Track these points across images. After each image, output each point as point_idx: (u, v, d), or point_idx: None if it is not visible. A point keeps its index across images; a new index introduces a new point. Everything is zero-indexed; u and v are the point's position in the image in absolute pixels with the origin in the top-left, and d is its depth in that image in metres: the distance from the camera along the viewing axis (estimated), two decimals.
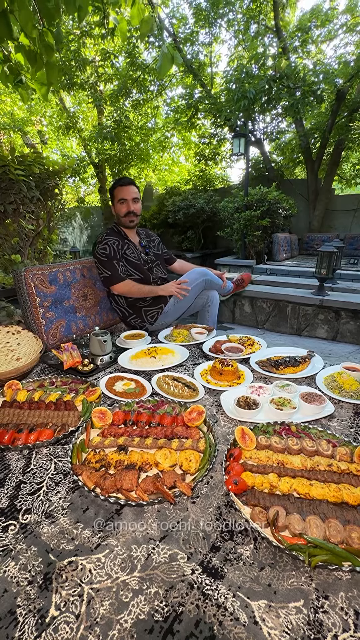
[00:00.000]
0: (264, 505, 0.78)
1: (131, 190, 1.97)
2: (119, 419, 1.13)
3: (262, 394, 1.26)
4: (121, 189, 1.95)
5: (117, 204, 1.97)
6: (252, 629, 0.55)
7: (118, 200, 1.96)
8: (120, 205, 1.97)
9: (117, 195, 1.97)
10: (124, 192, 1.95)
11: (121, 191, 1.95)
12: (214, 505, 0.80)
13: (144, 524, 0.75)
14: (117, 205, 1.98)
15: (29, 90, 2.42)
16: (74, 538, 0.72)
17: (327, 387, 1.33)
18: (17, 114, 11.14)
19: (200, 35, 7.86)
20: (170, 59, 2.08)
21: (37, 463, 0.95)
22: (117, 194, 1.96)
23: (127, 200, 1.96)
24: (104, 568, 0.65)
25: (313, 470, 0.89)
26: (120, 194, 1.96)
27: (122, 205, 1.97)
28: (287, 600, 0.60)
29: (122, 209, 1.97)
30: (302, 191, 7.38)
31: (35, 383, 1.42)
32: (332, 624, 0.56)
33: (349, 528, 0.71)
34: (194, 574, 0.64)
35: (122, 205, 1.96)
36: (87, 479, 0.85)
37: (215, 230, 6.75)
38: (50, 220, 2.58)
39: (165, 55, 2.06)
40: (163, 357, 1.63)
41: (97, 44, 7.72)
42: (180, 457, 0.93)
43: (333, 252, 3.00)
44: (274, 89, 5.47)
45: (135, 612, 0.57)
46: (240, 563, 0.66)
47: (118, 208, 1.98)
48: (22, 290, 1.67)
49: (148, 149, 10.18)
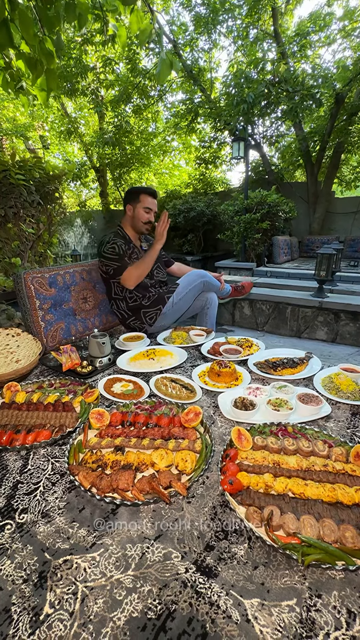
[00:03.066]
0: (259, 505, 0.79)
1: (155, 203, 2.08)
2: (117, 420, 1.14)
3: (259, 395, 1.26)
4: (149, 199, 2.04)
5: (141, 209, 2.03)
6: (244, 627, 0.55)
7: (143, 207, 2.03)
8: (144, 212, 2.04)
9: (143, 201, 2.02)
10: (152, 203, 2.05)
11: (149, 200, 2.03)
12: (209, 505, 0.81)
13: (139, 524, 0.75)
14: (141, 211, 2.03)
15: (29, 96, 2.46)
16: (70, 537, 0.72)
17: (324, 388, 1.33)
18: (19, 120, 11.28)
19: (200, 42, 7.95)
20: (169, 65, 2.11)
21: (35, 463, 0.96)
22: (144, 201, 2.02)
23: (152, 211, 2.06)
24: (99, 567, 0.65)
25: (308, 470, 0.89)
26: (147, 203, 2.03)
27: (146, 214, 2.04)
28: (280, 599, 0.60)
29: (144, 216, 2.04)
30: (302, 194, 7.41)
31: (34, 385, 1.43)
32: (324, 622, 0.56)
33: (343, 527, 0.71)
34: (188, 573, 0.64)
35: (147, 213, 2.04)
36: (83, 479, 0.85)
37: (216, 233, 6.78)
38: (50, 223, 2.61)
39: (164, 61, 2.09)
40: (161, 359, 1.64)
41: (98, 51, 7.83)
42: (177, 457, 0.93)
43: (332, 254, 3.01)
44: (273, 93, 5.51)
45: (128, 610, 0.58)
46: (234, 562, 0.67)
47: (141, 214, 2.03)
48: (22, 292, 1.69)
49: (149, 153, 10.27)
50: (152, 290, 2.04)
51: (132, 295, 1.99)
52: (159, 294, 2.04)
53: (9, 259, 2.25)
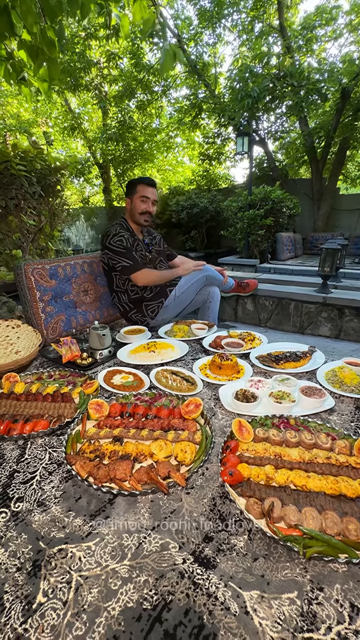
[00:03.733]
0: (260, 496, 0.77)
1: (154, 192, 2.00)
2: (116, 411, 1.12)
3: (261, 387, 1.24)
4: (146, 188, 1.97)
5: (138, 199, 1.97)
6: (242, 619, 0.53)
7: (140, 197, 1.96)
8: (142, 202, 1.97)
9: (140, 191, 1.96)
10: (149, 191, 1.97)
11: (146, 189, 1.96)
12: (208, 497, 0.79)
13: (137, 514, 0.74)
14: (137, 201, 1.97)
15: (31, 87, 2.44)
16: (65, 526, 0.71)
17: (327, 381, 1.31)
18: (23, 116, 11.27)
19: (205, 36, 7.88)
20: (172, 56, 2.07)
21: (32, 453, 0.95)
22: (141, 191, 1.96)
23: (149, 199, 1.98)
24: (94, 556, 0.64)
25: (311, 462, 0.87)
26: (144, 192, 1.96)
27: (143, 203, 1.97)
28: (281, 591, 0.58)
29: (142, 206, 1.97)
30: (307, 191, 7.34)
31: (33, 376, 1.42)
32: (326, 615, 0.54)
33: (346, 520, 0.69)
34: (185, 564, 0.62)
35: (144, 203, 1.97)
36: (80, 468, 0.84)
37: (219, 230, 6.74)
38: (52, 216, 2.60)
39: (167, 51, 2.05)
40: (162, 352, 1.62)
41: (102, 46, 7.78)
42: (176, 448, 0.91)
43: (337, 250, 2.97)
44: (277, 88, 5.45)
45: (123, 600, 0.56)
46: (234, 554, 0.65)
47: (137, 204, 1.97)
48: (22, 284, 1.67)
49: (152, 149, 10.22)
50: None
51: (134, 288, 1.97)
52: (161, 287, 2.02)
53: (9, 251, 2.24)
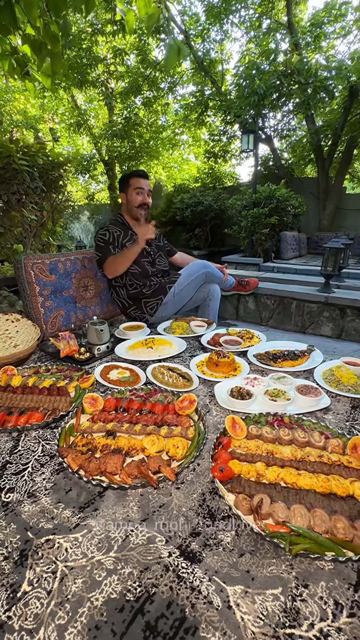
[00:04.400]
0: (249, 493, 0.77)
1: (147, 183, 1.98)
2: (111, 406, 1.12)
3: (256, 385, 1.23)
4: (139, 180, 1.96)
5: (133, 192, 1.96)
6: (225, 613, 0.53)
7: (134, 189, 1.95)
8: (137, 195, 1.96)
9: (133, 184, 1.95)
10: (142, 182, 1.96)
11: (139, 181, 1.95)
12: (198, 492, 0.79)
13: (125, 507, 0.74)
14: (132, 194, 1.96)
15: (35, 82, 2.44)
16: (54, 517, 0.71)
17: (324, 380, 1.30)
18: (30, 112, 11.30)
19: (212, 32, 7.81)
20: (176, 51, 2.06)
21: (25, 445, 0.95)
22: (134, 183, 1.95)
23: (144, 190, 1.96)
24: (80, 547, 0.64)
25: (303, 460, 0.86)
26: (137, 184, 1.95)
27: (138, 195, 1.96)
28: (265, 587, 0.58)
29: (137, 199, 1.96)
30: (313, 190, 7.27)
31: (30, 369, 1.43)
32: (309, 612, 0.54)
33: (334, 518, 0.68)
34: (171, 557, 0.62)
35: (139, 195, 1.96)
36: (71, 461, 0.84)
37: (224, 228, 6.72)
38: (54, 211, 2.60)
39: (171, 47, 2.04)
40: (160, 348, 1.62)
41: (109, 42, 7.76)
42: (168, 443, 0.92)
43: (340, 249, 2.94)
44: (284, 85, 5.39)
45: (107, 590, 0.56)
46: (220, 549, 0.65)
47: (133, 197, 1.96)
48: (22, 278, 1.68)
49: (158, 146, 10.19)
50: (153, 280, 2.02)
51: (132, 283, 1.97)
52: (161, 283, 2.02)
53: (11, 246, 2.25)
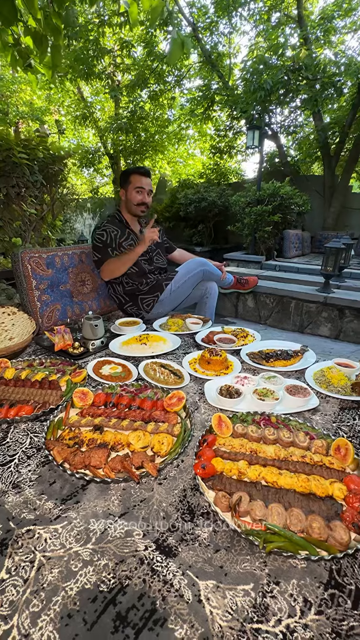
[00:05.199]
0: (230, 490, 0.78)
1: (149, 182, 1.97)
2: (100, 401, 1.14)
3: (246, 384, 1.24)
4: (140, 178, 1.94)
5: (132, 190, 1.95)
6: (194, 607, 0.55)
7: (134, 188, 1.94)
8: (136, 193, 1.95)
9: (133, 182, 1.94)
10: (143, 181, 1.94)
11: (140, 180, 1.94)
12: (180, 488, 0.80)
13: (107, 500, 0.75)
14: (132, 192, 1.95)
15: (38, 74, 2.43)
16: (36, 508, 0.73)
17: (315, 381, 1.30)
18: (36, 103, 11.24)
19: (220, 25, 7.69)
20: (180, 45, 2.04)
21: (14, 437, 0.97)
22: (135, 181, 1.94)
23: (144, 190, 1.95)
24: (59, 538, 0.66)
25: (285, 460, 0.87)
26: (138, 182, 1.93)
27: (138, 194, 1.95)
28: (237, 583, 0.59)
29: (137, 197, 1.95)
30: (318, 188, 7.19)
31: (24, 362, 1.44)
32: (278, 608, 0.55)
33: (310, 518, 0.69)
34: (147, 550, 0.64)
35: (138, 193, 1.95)
36: (57, 453, 0.86)
37: (227, 225, 6.67)
38: (54, 205, 2.60)
39: (175, 41, 2.02)
40: (154, 345, 1.63)
41: (116, 33, 7.68)
42: (154, 439, 0.93)
43: (340, 249, 2.92)
44: (292, 81, 5.31)
45: (82, 581, 0.58)
46: (196, 544, 0.66)
47: (132, 195, 1.95)
48: (19, 272, 1.69)
49: (163, 141, 10.11)
50: (150, 277, 2.02)
51: (128, 280, 1.98)
52: (157, 280, 2.02)
53: (9, 239, 2.26)
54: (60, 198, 2.65)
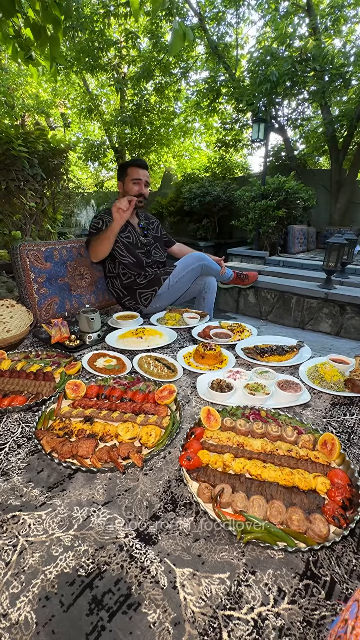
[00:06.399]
0: (214, 482, 0.78)
1: (146, 173, 1.96)
2: (92, 393, 1.15)
3: (238, 378, 1.24)
4: (137, 170, 1.94)
5: (130, 182, 1.95)
6: (169, 593, 0.56)
7: (131, 179, 1.94)
8: (133, 185, 1.95)
9: (131, 174, 1.94)
10: (140, 173, 1.94)
11: (136, 171, 1.94)
12: (164, 479, 0.81)
13: (92, 489, 0.77)
14: (129, 184, 1.96)
15: (39, 67, 2.42)
16: (22, 495, 0.74)
17: (308, 377, 1.30)
18: (42, 96, 11.22)
19: (227, 15, 7.55)
20: (181, 36, 2.02)
21: (5, 426, 0.99)
22: (132, 173, 1.94)
23: (141, 181, 1.95)
24: (43, 524, 0.67)
25: (271, 453, 0.88)
26: (135, 174, 1.94)
27: (135, 186, 1.95)
28: (213, 571, 0.60)
29: (134, 189, 1.95)
30: (325, 182, 7.08)
31: (21, 354, 1.46)
32: (252, 597, 0.56)
33: (291, 510, 0.70)
34: (127, 538, 0.65)
35: (135, 185, 1.95)
36: (45, 443, 0.87)
37: (232, 220, 6.62)
38: (54, 199, 2.61)
39: (177, 31, 2.00)
40: (149, 338, 1.64)
41: (121, 24, 7.58)
42: (142, 431, 0.94)
43: (343, 244, 2.88)
44: (299, 72, 5.20)
45: (61, 565, 0.60)
46: (177, 533, 0.67)
47: (130, 187, 1.96)
48: (17, 265, 1.71)
49: (169, 134, 10.03)
50: (148, 270, 2.02)
51: (126, 273, 1.98)
52: (156, 274, 2.02)
53: (9, 232, 2.28)
54: (61, 191, 2.66)
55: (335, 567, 0.62)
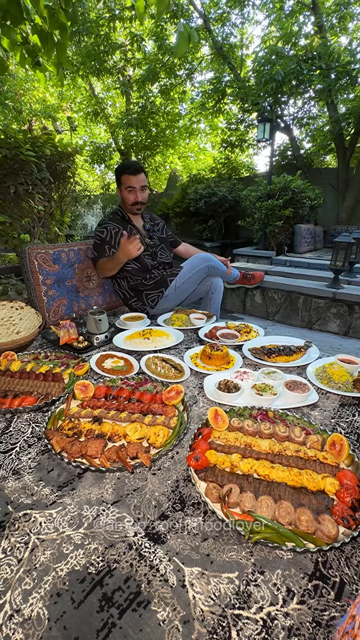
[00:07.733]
0: (222, 482, 0.79)
1: (140, 179, 1.91)
2: (101, 393, 1.16)
3: (246, 379, 1.24)
4: (129, 178, 1.89)
5: (125, 191, 1.92)
6: (178, 591, 0.56)
7: (126, 188, 1.91)
8: (128, 193, 1.92)
9: (124, 182, 1.91)
10: (133, 180, 1.89)
11: (129, 179, 1.89)
12: (173, 479, 0.82)
13: (101, 488, 0.78)
14: (125, 193, 1.93)
15: (46, 72, 2.46)
16: (34, 494, 0.76)
17: (316, 377, 1.29)
18: (48, 101, 11.37)
19: (232, 16, 7.54)
20: (186, 38, 2.03)
21: (16, 426, 1.01)
22: (125, 181, 1.90)
23: (136, 189, 1.91)
24: (54, 522, 0.69)
25: (279, 454, 0.87)
26: (128, 182, 1.90)
27: (130, 194, 1.93)
28: (222, 571, 0.60)
29: (129, 198, 1.93)
30: (332, 181, 7.01)
31: (30, 356, 1.49)
32: (260, 596, 0.56)
33: (299, 511, 0.70)
34: (136, 537, 0.66)
35: (130, 193, 1.93)
36: (55, 442, 0.89)
37: (238, 220, 6.61)
38: (61, 202, 2.64)
39: (182, 33, 2.01)
40: (157, 339, 1.65)
41: (126, 28, 7.64)
42: (150, 431, 0.95)
43: (350, 243, 2.85)
44: (304, 71, 5.17)
45: (72, 563, 0.61)
46: (185, 532, 0.68)
47: (125, 195, 1.94)
48: (26, 267, 1.73)
49: (174, 135, 10.06)
50: (154, 272, 2.03)
51: (132, 275, 1.99)
52: (162, 276, 2.03)
53: (17, 236, 2.31)
54: (68, 194, 2.69)
55: (345, 568, 0.62)
